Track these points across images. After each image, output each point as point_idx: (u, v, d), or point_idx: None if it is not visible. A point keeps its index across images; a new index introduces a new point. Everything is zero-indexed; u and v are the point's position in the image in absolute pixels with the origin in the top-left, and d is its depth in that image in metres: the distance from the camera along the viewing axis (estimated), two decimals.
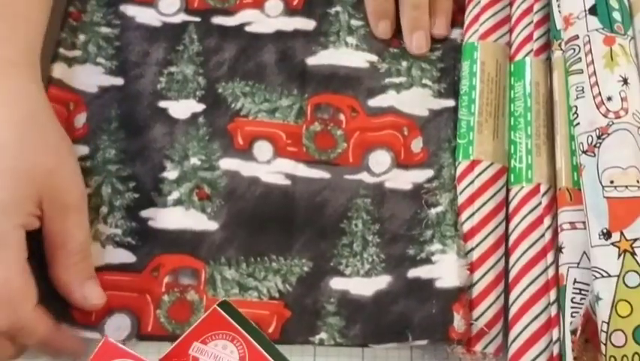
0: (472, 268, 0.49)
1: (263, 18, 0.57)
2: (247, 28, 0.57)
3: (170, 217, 0.51)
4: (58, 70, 0.54)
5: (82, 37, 0.56)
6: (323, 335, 0.48)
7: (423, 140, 0.54)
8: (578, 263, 0.47)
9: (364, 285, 0.50)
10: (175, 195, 0.52)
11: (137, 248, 0.50)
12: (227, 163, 0.53)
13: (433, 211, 0.51)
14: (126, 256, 0.50)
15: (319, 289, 0.49)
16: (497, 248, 0.50)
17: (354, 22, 0.58)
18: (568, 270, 0.47)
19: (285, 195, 0.52)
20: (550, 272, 0.48)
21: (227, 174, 0.52)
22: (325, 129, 0.54)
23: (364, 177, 0.53)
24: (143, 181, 0.52)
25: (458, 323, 0.47)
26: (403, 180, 0.53)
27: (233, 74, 0.55)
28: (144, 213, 0.51)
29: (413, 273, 0.50)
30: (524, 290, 0.48)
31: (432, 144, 0.54)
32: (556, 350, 0.46)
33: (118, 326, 0.48)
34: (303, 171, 0.53)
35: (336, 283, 0.50)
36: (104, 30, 0.57)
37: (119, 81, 0.55)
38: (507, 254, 0.50)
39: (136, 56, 0.56)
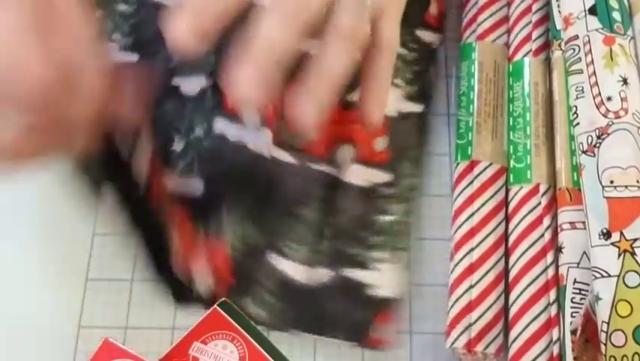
0: (472, 268, 0.49)
1: None
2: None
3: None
4: None
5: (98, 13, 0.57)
6: (259, 311, 0.49)
7: (388, 140, 0.54)
8: (578, 263, 0.47)
9: (303, 272, 0.50)
10: (181, 165, 0.52)
11: None
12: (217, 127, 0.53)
13: (386, 218, 0.52)
14: None
15: (263, 265, 0.50)
16: (497, 248, 0.50)
17: None
18: (568, 270, 0.47)
19: (255, 163, 0.52)
20: (550, 272, 0.48)
21: (213, 137, 0.53)
22: None
23: (329, 168, 0.53)
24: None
25: (375, 331, 0.49)
26: (361, 176, 0.53)
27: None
28: None
29: (351, 273, 0.50)
30: (524, 290, 0.48)
31: (395, 147, 0.54)
32: (556, 350, 0.46)
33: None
34: (274, 151, 0.53)
35: (280, 263, 0.50)
36: (121, 7, 0.57)
37: (133, 57, 0.55)
38: (507, 254, 0.50)
39: (151, 33, 0.56)
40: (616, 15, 0.52)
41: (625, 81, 0.49)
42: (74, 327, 0.50)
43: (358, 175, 0.53)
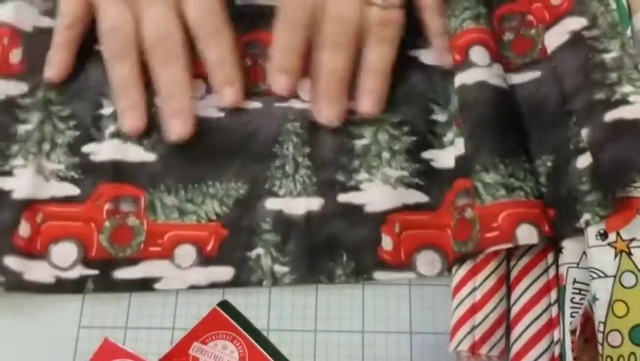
0: (475, 270, 0.49)
1: None
2: None
3: (108, 150, 0.53)
4: None
5: None
6: (259, 250, 0.51)
7: None
8: (578, 263, 0.47)
9: (297, 204, 0.52)
10: (111, 128, 0.54)
11: (80, 181, 0.53)
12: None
13: (359, 143, 0.54)
14: (70, 189, 0.52)
15: (255, 210, 0.52)
16: (499, 252, 0.50)
17: None
18: (567, 270, 0.47)
19: (218, 126, 0.54)
20: (551, 272, 0.49)
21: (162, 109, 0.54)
22: (256, 64, 0.56)
23: (293, 103, 0.55)
24: (83, 119, 0.54)
25: (386, 242, 0.51)
26: None
27: None
28: (85, 149, 0.53)
29: (343, 198, 0.53)
30: (525, 291, 0.49)
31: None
32: (557, 350, 0.46)
33: (64, 253, 0.51)
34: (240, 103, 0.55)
35: (271, 204, 0.52)
36: None
37: (51, 22, 0.57)
38: (508, 256, 0.50)
39: None
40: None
41: None
42: (74, 327, 0.50)
43: None
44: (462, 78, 0.53)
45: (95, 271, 0.50)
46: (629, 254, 0.44)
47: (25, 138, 0.53)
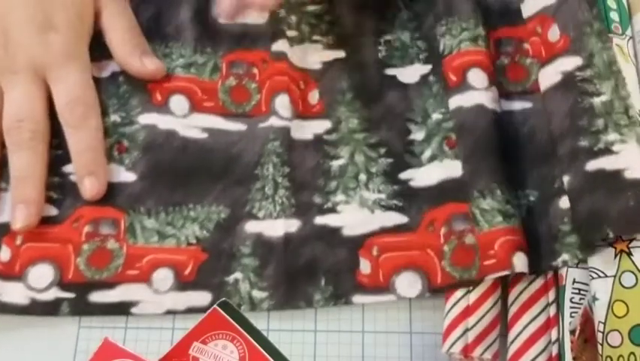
0: None
1: None
2: None
3: None
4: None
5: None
6: (238, 275, 0.51)
7: (319, 91, 0.56)
8: (577, 263, 0.48)
9: (276, 226, 0.52)
10: None
11: (59, 201, 0.52)
12: (146, 118, 0.55)
13: (336, 163, 0.54)
14: (49, 210, 0.52)
15: (235, 233, 0.52)
16: None
17: None
18: (567, 270, 0.48)
19: (202, 148, 0.54)
20: (549, 273, 0.49)
21: (145, 128, 0.54)
22: (240, 84, 0.56)
23: (273, 121, 0.55)
24: (63, 137, 0.53)
25: (364, 266, 0.51)
26: (304, 130, 0.55)
27: (152, 35, 0.57)
28: (65, 169, 0.53)
29: (320, 220, 0.52)
30: (523, 290, 0.49)
31: (327, 95, 0.56)
32: (555, 350, 0.46)
33: (40, 274, 0.50)
34: (219, 124, 0.55)
35: (251, 227, 0.52)
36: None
37: None
38: None
39: None
40: (614, 15, 0.53)
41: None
42: (74, 327, 0.50)
43: (302, 130, 0.55)
44: (459, 100, 0.53)
45: (71, 294, 0.50)
46: (629, 254, 0.45)
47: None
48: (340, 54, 0.58)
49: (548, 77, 0.52)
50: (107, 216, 0.52)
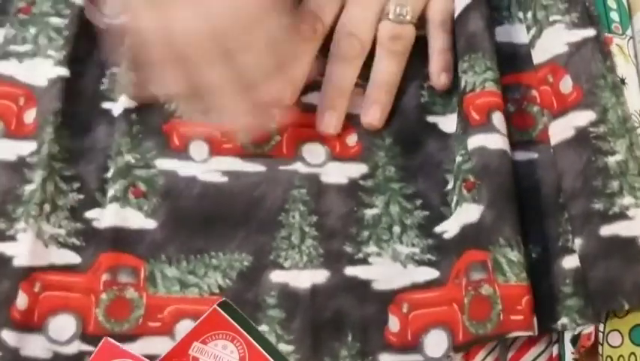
0: None
1: None
2: None
3: (107, 215, 0.51)
4: (9, 66, 0.55)
5: (32, 30, 0.56)
6: (264, 327, 0.48)
7: (357, 134, 0.55)
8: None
9: (303, 277, 0.50)
10: (111, 192, 0.51)
11: (82, 249, 0.50)
12: (164, 163, 0.53)
13: (369, 212, 0.52)
14: (71, 257, 0.50)
15: (259, 283, 0.50)
16: None
17: None
18: None
19: (222, 192, 0.52)
20: None
21: (163, 174, 0.53)
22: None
23: (299, 167, 0.53)
24: (88, 181, 0.52)
25: (393, 323, 0.49)
26: (339, 174, 0.53)
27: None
28: (88, 214, 0.51)
29: (350, 271, 0.50)
30: None
31: (366, 137, 0.55)
32: (555, 350, 0.46)
33: (62, 326, 0.48)
34: (239, 165, 0.53)
35: (276, 276, 0.50)
36: (54, 20, 0.57)
37: (65, 72, 0.55)
38: None
39: (82, 52, 0.56)
40: (614, 15, 0.53)
41: (623, 81, 0.50)
42: None
43: (336, 173, 0.53)
44: (482, 140, 0.50)
45: (92, 348, 0.47)
46: None
47: (29, 199, 0.50)
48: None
49: (560, 131, 0.49)
50: (126, 264, 0.50)
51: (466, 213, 0.49)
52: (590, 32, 0.51)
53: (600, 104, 0.48)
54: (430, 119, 0.55)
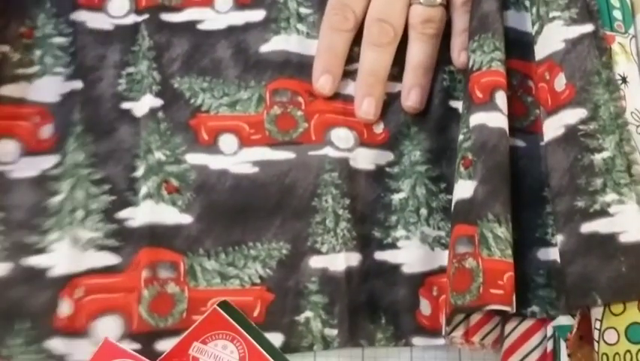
0: None
1: (213, 15, 0.59)
2: (199, 26, 0.58)
3: (142, 213, 0.52)
4: (17, 88, 0.55)
5: (37, 53, 0.56)
6: (308, 313, 0.50)
7: (384, 122, 0.56)
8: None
9: (339, 260, 0.51)
10: (144, 190, 0.52)
11: (119, 249, 0.51)
12: (194, 158, 0.54)
13: (396, 197, 0.53)
14: (110, 258, 0.50)
15: (299, 270, 0.51)
16: None
17: (303, 10, 0.59)
18: None
19: (254, 183, 0.53)
20: None
21: (195, 168, 0.53)
22: (285, 111, 0.56)
23: (329, 151, 0.54)
24: (117, 182, 0.53)
25: (425, 307, 0.50)
26: (367, 160, 0.55)
27: (187, 69, 0.57)
28: (121, 214, 0.52)
29: (380, 255, 0.52)
30: None
31: (392, 125, 0.56)
32: (549, 346, 0.47)
33: (107, 328, 0.48)
34: (268, 154, 0.54)
35: (315, 262, 0.51)
36: (58, 40, 0.57)
37: (78, 84, 0.55)
38: None
39: (92, 60, 0.56)
40: (616, 14, 0.53)
41: (624, 80, 0.50)
42: None
43: (364, 159, 0.54)
44: (483, 118, 0.51)
45: (137, 345, 0.48)
46: None
47: (59, 209, 0.51)
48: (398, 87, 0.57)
49: (552, 129, 0.50)
50: (164, 259, 0.50)
51: (460, 190, 0.50)
52: (588, 28, 0.51)
53: (592, 101, 0.49)
54: (453, 104, 0.56)
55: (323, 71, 0.56)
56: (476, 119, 0.51)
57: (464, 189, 0.49)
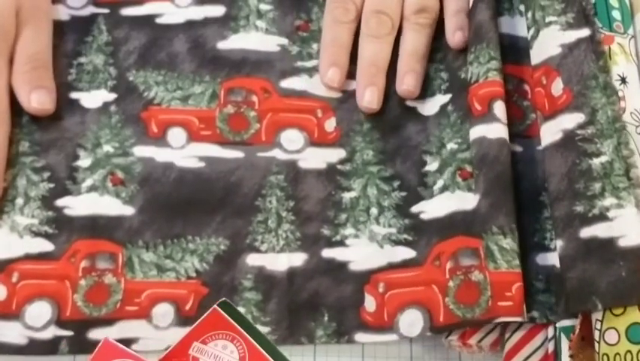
0: None
1: (173, 9, 0.59)
2: (157, 20, 0.59)
3: (84, 204, 0.53)
4: None
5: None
6: (241, 309, 0.50)
7: (336, 120, 0.56)
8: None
9: (280, 261, 0.52)
10: (89, 182, 0.53)
11: (55, 236, 0.51)
12: (142, 150, 0.55)
13: (347, 195, 0.54)
14: (44, 245, 0.51)
15: (236, 266, 0.51)
16: None
17: (263, 7, 0.59)
18: None
19: (199, 178, 0.54)
20: None
21: (141, 161, 0.54)
22: (238, 111, 0.56)
23: (277, 153, 0.55)
24: (57, 170, 0.53)
25: (369, 303, 0.50)
26: (317, 159, 0.55)
27: (144, 63, 0.57)
28: (60, 202, 0.52)
29: (328, 253, 0.52)
30: None
31: (344, 124, 0.56)
32: (551, 347, 0.47)
33: (38, 313, 0.49)
34: (216, 152, 0.55)
35: (253, 260, 0.52)
36: None
37: None
38: None
39: None
40: (615, 14, 0.53)
41: (623, 80, 0.50)
42: None
43: (315, 159, 0.55)
44: (483, 130, 0.51)
45: (69, 332, 0.49)
46: None
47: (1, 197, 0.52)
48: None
49: (550, 134, 0.50)
50: (104, 250, 0.51)
51: (458, 201, 0.51)
52: (585, 32, 0.51)
53: (590, 105, 0.49)
54: (410, 103, 0.57)
55: (330, 64, 0.56)
56: (476, 132, 0.52)
57: (464, 201, 0.50)
